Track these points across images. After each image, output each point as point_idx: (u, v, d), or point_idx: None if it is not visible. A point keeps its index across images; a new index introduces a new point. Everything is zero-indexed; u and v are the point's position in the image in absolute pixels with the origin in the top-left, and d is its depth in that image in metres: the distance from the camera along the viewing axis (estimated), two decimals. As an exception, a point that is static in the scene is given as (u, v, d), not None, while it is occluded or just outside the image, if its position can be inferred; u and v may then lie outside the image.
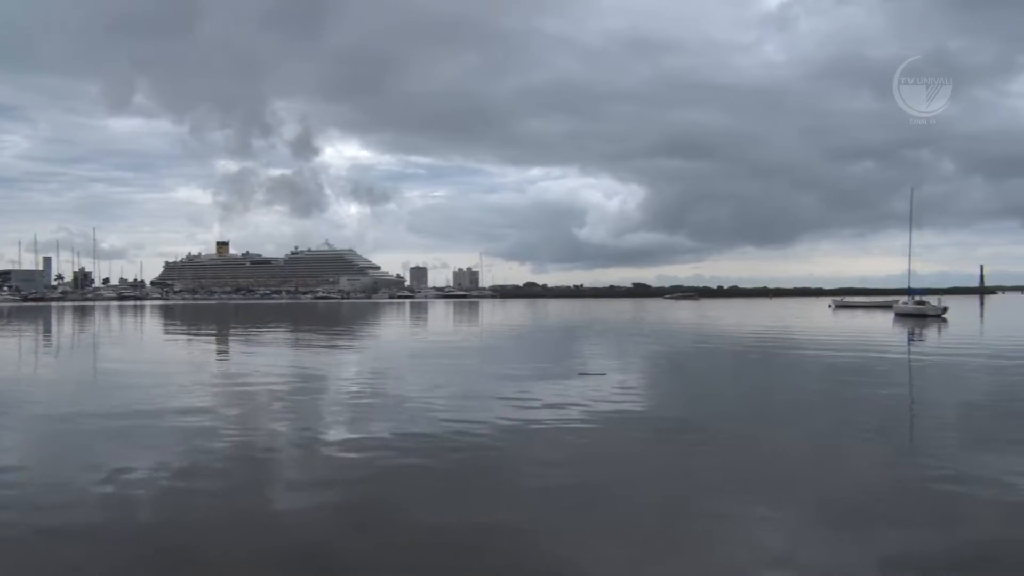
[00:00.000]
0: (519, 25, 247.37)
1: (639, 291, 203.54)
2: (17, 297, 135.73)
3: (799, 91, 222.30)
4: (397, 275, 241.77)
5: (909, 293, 59.05)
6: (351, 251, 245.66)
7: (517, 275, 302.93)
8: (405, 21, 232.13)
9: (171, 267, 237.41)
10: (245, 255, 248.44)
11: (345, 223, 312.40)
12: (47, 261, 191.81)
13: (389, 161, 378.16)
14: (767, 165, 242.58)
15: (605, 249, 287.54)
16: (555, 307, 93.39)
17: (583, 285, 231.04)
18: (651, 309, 79.52)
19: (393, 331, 42.61)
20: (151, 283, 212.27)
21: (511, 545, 6.00)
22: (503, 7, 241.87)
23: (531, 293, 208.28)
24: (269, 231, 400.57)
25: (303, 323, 50.29)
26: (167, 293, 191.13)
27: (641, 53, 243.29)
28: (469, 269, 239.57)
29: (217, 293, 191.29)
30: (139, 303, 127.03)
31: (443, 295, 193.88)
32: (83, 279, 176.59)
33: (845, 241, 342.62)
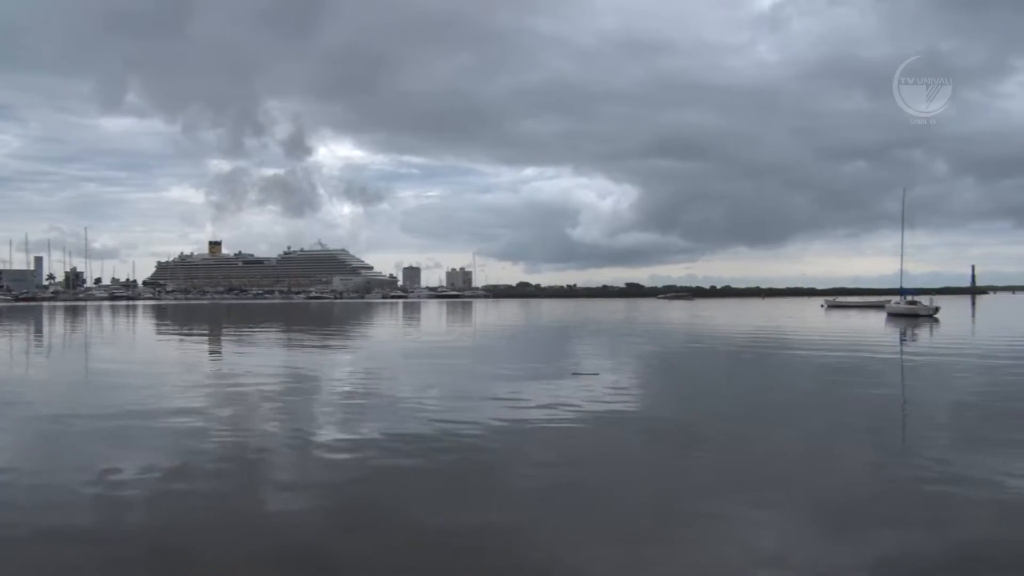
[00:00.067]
0: (512, 25, 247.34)
1: (632, 291, 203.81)
2: (8, 297, 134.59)
3: (792, 91, 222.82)
4: (390, 275, 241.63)
5: (901, 293, 59.51)
6: (344, 251, 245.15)
7: (510, 275, 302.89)
8: (398, 20, 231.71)
9: (163, 267, 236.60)
10: (238, 255, 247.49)
11: (338, 223, 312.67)
12: (38, 261, 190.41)
13: (382, 161, 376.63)
14: (760, 165, 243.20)
15: (598, 249, 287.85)
16: (548, 307, 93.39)
17: (576, 285, 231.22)
18: (644, 309, 79.62)
19: (386, 331, 42.56)
20: (143, 283, 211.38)
21: (504, 545, 6.00)
22: (496, 6, 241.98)
23: (524, 293, 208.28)
24: (262, 231, 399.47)
25: (295, 323, 50.16)
26: (159, 293, 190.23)
27: (634, 53, 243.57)
28: (462, 269, 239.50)
29: (210, 293, 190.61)
30: (131, 303, 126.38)
31: (436, 295, 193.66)
32: (75, 279, 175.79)
33: (837, 241, 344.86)
